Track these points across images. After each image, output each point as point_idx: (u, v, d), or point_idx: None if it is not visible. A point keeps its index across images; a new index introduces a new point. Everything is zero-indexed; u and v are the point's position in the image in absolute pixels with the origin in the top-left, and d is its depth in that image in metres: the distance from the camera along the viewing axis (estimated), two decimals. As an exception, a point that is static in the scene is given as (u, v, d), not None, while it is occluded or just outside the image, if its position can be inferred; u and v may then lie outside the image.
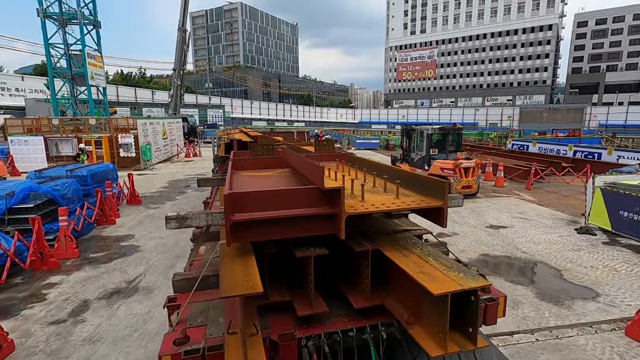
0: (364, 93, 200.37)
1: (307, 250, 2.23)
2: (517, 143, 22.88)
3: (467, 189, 11.57)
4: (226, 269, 2.07)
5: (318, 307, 2.25)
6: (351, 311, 2.32)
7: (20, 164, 17.57)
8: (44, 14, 20.29)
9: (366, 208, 2.22)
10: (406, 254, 2.26)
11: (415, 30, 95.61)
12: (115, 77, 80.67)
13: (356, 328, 2.21)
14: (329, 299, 2.41)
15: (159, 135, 21.81)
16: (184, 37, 35.11)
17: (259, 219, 2.07)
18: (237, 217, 2.02)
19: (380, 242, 2.44)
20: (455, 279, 1.89)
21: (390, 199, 2.48)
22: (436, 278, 1.91)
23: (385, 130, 71.82)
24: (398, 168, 3.26)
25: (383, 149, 31.38)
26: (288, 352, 2.10)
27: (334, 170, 3.35)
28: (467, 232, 8.42)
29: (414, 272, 1.97)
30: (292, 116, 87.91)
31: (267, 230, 2.12)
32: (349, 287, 2.48)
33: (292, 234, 2.17)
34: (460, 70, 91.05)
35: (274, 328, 2.19)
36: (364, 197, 2.44)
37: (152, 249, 7.55)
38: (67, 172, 9.31)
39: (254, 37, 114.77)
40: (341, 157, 4.51)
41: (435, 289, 1.77)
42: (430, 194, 2.47)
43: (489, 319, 2.38)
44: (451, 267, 2.05)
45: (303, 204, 2.18)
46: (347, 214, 2.08)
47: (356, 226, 2.64)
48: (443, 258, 2.20)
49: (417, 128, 13.18)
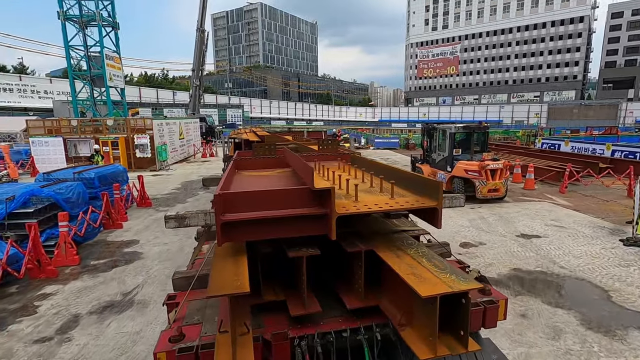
0: (383, 91, 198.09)
1: (299, 250, 2.22)
2: (547, 142, 21.49)
3: (494, 192, 10.68)
4: (217, 268, 2.10)
5: (311, 307, 2.24)
6: (346, 312, 2.30)
7: (40, 165, 17.83)
8: (64, 17, 20.65)
9: (358, 209, 2.18)
10: (400, 255, 2.24)
11: (437, 26, 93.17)
12: (139, 79, 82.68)
13: (350, 329, 2.19)
14: (325, 299, 2.42)
15: (176, 136, 21.77)
16: (202, 37, 35.24)
17: (249, 219, 2.06)
18: (227, 217, 2.03)
19: (375, 242, 2.40)
20: (446, 281, 1.85)
21: (384, 199, 2.44)
22: (427, 280, 1.88)
23: (405, 129, 70.41)
24: (398, 168, 3.12)
25: (403, 149, 30.39)
26: (280, 352, 2.09)
27: (332, 170, 3.30)
28: (495, 242, 7.61)
29: (405, 273, 1.94)
30: (310, 115, 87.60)
31: (258, 230, 2.12)
32: (344, 288, 2.46)
33: (283, 234, 2.16)
34: (484, 66, 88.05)
35: (268, 327, 2.18)
36: (359, 197, 2.42)
37: (155, 257, 7.17)
38: (74, 175, 9.11)
39: (273, 36, 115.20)
40: (344, 156, 4.44)
41: (423, 291, 1.74)
42: (426, 195, 2.44)
43: (488, 322, 2.33)
44: (444, 269, 2.01)
45: (294, 205, 2.16)
46: (337, 215, 2.05)
47: (352, 227, 2.61)
48: (437, 259, 2.16)
49: (439, 126, 12.35)
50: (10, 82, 43.97)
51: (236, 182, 3.46)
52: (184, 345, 2.02)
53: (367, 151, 29.12)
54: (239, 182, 3.46)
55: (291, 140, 7.13)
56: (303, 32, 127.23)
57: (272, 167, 4.37)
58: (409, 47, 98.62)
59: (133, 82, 74.17)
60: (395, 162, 21.75)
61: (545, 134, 28.40)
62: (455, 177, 11.14)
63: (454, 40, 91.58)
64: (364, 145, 32.75)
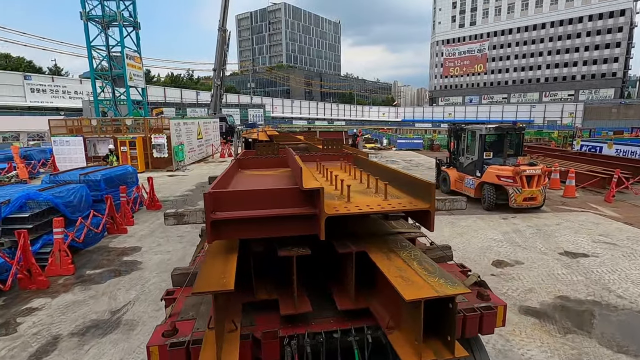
0: (407, 90, 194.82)
1: (290, 249, 2.24)
2: (587, 144, 19.77)
3: (530, 201, 9.57)
4: (206, 266, 2.13)
5: (301, 307, 2.25)
6: (338, 312, 2.29)
7: (61, 164, 18.02)
8: (86, 17, 20.89)
9: (348, 209, 2.18)
10: (391, 257, 2.23)
11: (465, 23, 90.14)
12: (165, 79, 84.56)
13: (341, 330, 2.19)
14: (318, 299, 2.43)
15: (194, 136, 21.59)
16: (224, 36, 35.18)
17: (239, 217, 2.09)
18: (217, 215, 2.05)
19: (368, 244, 2.39)
20: (433, 285, 1.84)
21: (378, 200, 2.42)
22: (414, 283, 1.87)
23: (430, 129, 68.39)
24: (396, 170, 3.00)
25: (427, 150, 29.10)
26: (270, 350, 2.10)
27: (331, 171, 3.29)
28: (534, 261, 6.61)
29: (393, 276, 1.94)
30: (332, 115, 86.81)
31: (248, 229, 2.14)
32: (337, 288, 2.46)
33: (273, 233, 2.18)
34: (514, 63, 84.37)
35: (259, 326, 2.21)
36: (353, 198, 2.43)
37: (154, 267, 6.65)
38: (80, 177, 8.78)
39: (296, 36, 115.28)
40: (347, 157, 4.45)
41: (408, 294, 1.74)
42: (419, 197, 2.40)
43: (485, 328, 2.31)
44: (433, 273, 2.00)
45: (284, 204, 2.17)
46: (327, 215, 2.06)
47: (347, 227, 2.60)
48: (428, 263, 2.15)
49: (468, 127, 11.31)
50: (43, 83, 45.78)
51: (235, 180, 3.46)
52: (176, 340, 2.05)
53: (389, 152, 28.06)
54: (237, 181, 3.46)
55: (302, 140, 6.98)
56: (326, 32, 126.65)
57: (275, 167, 4.34)
58: (435, 45, 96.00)
59: (160, 83, 75.94)
60: (419, 164, 20.66)
61: (585, 135, 26.29)
62: (486, 184, 10.11)
63: (481, 37, 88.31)
64: (385, 145, 31.67)
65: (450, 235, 8.06)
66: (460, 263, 3.27)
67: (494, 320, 2.32)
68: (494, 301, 2.41)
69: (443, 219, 9.30)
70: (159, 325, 2.21)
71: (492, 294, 2.50)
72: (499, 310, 2.35)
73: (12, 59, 60.47)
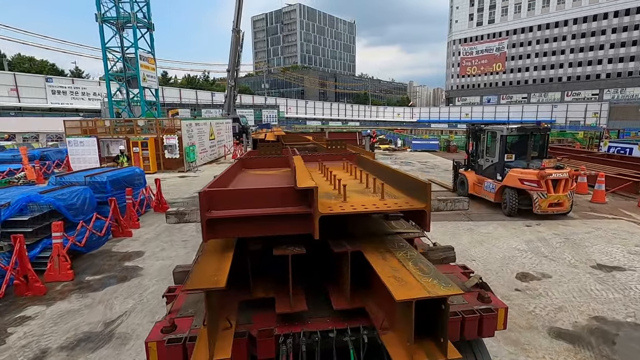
0: (423, 91, 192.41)
1: (285, 249, 2.25)
2: (615, 145, 18.69)
3: (556, 207, 8.91)
4: (201, 263, 2.16)
5: (297, 306, 2.26)
6: (335, 312, 2.29)
7: (75, 164, 18.17)
8: (101, 19, 21.10)
9: (343, 209, 2.18)
10: (387, 257, 2.22)
11: (483, 21, 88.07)
12: (182, 81, 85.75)
13: (337, 330, 2.19)
14: (316, 298, 2.44)
15: (206, 136, 21.50)
16: (237, 37, 35.16)
17: (234, 216, 2.09)
18: (212, 214, 2.06)
19: (365, 244, 2.37)
20: (426, 286, 1.83)
21: (374, 200, 2.43)
22: (407, 283, 1.86)
23: (446, 129, 67.01)
24: (396, 169, 3.00)
25: (443, 151, 28.28)
26: (265, 348, 2.12)
27: (330, 170, 3.30)
28: (563, 275, 6.02)
29: (386, 276, 1.93)
30: (346, 115, 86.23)
31: (244, 227, 2.13)
32: (333, 288, 2.47)
33: (268, 232, 2.18)
34: (534, 62, 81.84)
35: (255, 324, 2.23)
36: (351, 198, 2.44)
37: (155, 274, 6.37)
38: (85, 178, 8.63)
39: (311, 37, 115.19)
40: (350, 157, 4.46)
41: (399, 295, 1.73)
42: (415, 196, 2.39)
43: (485, 331, 2.29)
44: (428, 273, 1.98)
45: (279, 203, 2.18)
46: (320, 214, 2.05)
47: (346, 227, 2.61)
48: (423, 263, 2.12)
49: (488, 127, 10.68)
50: (63, 85, 46.96)
51: (236, 180, 3.47)
52: (174, 336, 2.08)
53: (403, 153, 27.39)
54: (238, 180, 3.47)
55: (310, 140, 7.03)
56: (341, 32, 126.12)
57: (278, 167, 4.30)
58: (451, 44, 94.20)
59: (177, 84, 77.03)
60: (434, 166, 19.98)
61: (613, 136, 24.95)
62: (507, 188, 9.48)
63: (500, 36, 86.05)
64: (400, 146, 30.97)
65: (470, 243, 7.52)
66: (462, 264, 3.23)
67: (494, 323, 2.31)
68: (494, 303, 2.39)
69: (461, 225, 8.75)
70: (159, 322, 2.25)
71: (493, 296, 2.49)
72: (500, 313, 2.33)
73: (36, 62, 62.48)
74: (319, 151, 5.38)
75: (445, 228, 8.57)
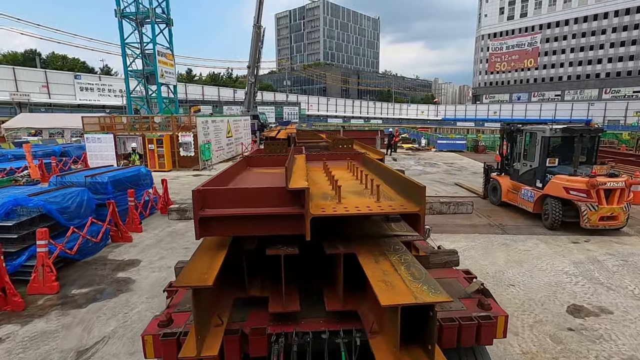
0: (448, 88, 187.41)
1: (279, 248, 2.26)
2: (667, 148, 16.75)
3: (609, 221, 7.68)
4: (193, 261, 2.17)
5: (290, 306, 2.27)
6: (329, 313, 2.30)
7: (93, 161, 18.10)
8: (121, 15, 21.00)
9: (335, 210, 2.17)
10: (380, 261, 2.20)
11: (514, 15, 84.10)
12: (206, 78, 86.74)
13: (329, 331, 2.19)
14: (312, 298, 2.45)
15: (223, 134, 21.05)
16: (258, 33, 34.65)
17: (227, 215, 2.10)
18: (206, 212, 2.09)
19: (360, 246, 2.36)
20: (414, 291, 1.80)
21: (369, 202, 2.41)
22: (395, 288, 1.85)
23: (472, 128, 64.37)
24: (395, 171, 2.84)
25: (470, 152, 26.71)
26: (257, 346, 2.15)
27: (331, 170, 3.26)
28: (627, 310, 4.92)
29: (375, 280, 1.93)
30: (369, 113, 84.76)
31: (237, 226, 2.15)
32: (328, 289, 2.46)
33: (260, 231, 2.19)
34: (569, 57, 77.41)
35: (250, 322, 2.27)
36: (346, 199, 2.44)
37: (147, 289, 5.73)
38: (85, 178, 8.16)
39: (334, 33, 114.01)
40: (356, 156, 4.41)
41: (385, 300, 1.73)
42: (412, 199, 2.35)
43: (483, 339, 2.27)
44: (419, 279, 1.95)
45: (272, 203, 2.17)
46: (312, 215, 2.05)
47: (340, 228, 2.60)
48: (416, 268, 2.08)
49: (526, 127, 9.49)
50: (91, 82, 48.19)
51: (238, 178, 3.47)
52: (170, 330, 2.19)
53: (427, 153, 26.05)
54: (240, 179, 3.46)
55: (324, 138, 6.89)
56: (365, 28, 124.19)
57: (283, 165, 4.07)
58: (480, 40, 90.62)
59: (201, 81, 77.94)
60: (461, 168, 18.67)
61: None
62: (549, 197, 8.30)
63: (533, 30, 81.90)
64: (424, 146, 29.58)
65: (506, 263, 6.47)
66: (466, 269, 3.15)
67: (492, 330, 2.30)
68: (495, 311, 2.38)
69: (494, 239, 7.68)
70: (157, 316, 2.32)
71: (494, 303, 2.48)
72: (499, 321, 2.32)
73: (68, 60, 64.57)
74: (330, 150, 5.28)
75: (476, 242, 7.54)
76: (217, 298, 2.21)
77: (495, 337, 2.31)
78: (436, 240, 7.52)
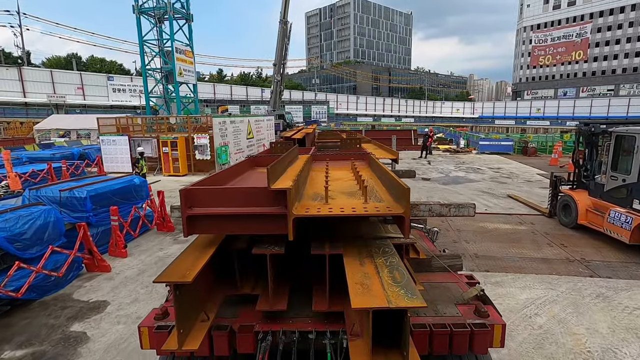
0: (484, 84, 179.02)
1: (266, 247, 2.28)
2: None
3: None
4: (180, 258, 2.19)
5: (277, 305, 2.29)
6: (318, 314, 2.30)
7: (107, 164, 17.35)
8: (139, 11, 20.17)
9: (319, 211, 2.16)
10: (365, 263, 2.17)
11: (560, 3, 77.75)
12: (236, 78, 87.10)
13: (317, 331, 2.20)
14: (304, 298, 2.46)
15: (243, 135, 19.69)
16: (285, 29, 33.24)
17: (211, 214, 2.13)
18: (193, 210, 2.12)
19: (349, 247, 2.34)
20: (390, 295, 1.76)
21: (357, 203, 2.39)
22: (371, 291, 1.81)
23: (513, 126, 59.83)
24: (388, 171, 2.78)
25: (518, 154, 23.78)
26: (245, 343, 2.21)
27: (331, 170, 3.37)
28: None
29: (353, 282, 1.90)
30: (400, 111, 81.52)
31: (223, 225, 2.19)
32: (318, 289, 2.47)
33: (246, 230, 2.24)
34: (624, 48, 70.40)
35: (239, 319, 2.31)
36: (336, 199, 2.46)
37: (99, 354, 4.19)
38: (60, 193, 6.83)
39: (365, 30, 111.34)
40: (362, 156, 4.41)
41: (356, 302, 1.71)
42: (398, 201, 2.31)
43: (477, 348, 2.22)
44: (398, 283, 1.90)
45: (257, 203, 2.18)
46: (294, 216, 2.07)
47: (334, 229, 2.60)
48: (399, 272, 2.03)
49: (617, 130, 7.18)
50: (123, 83, 49.02)
51: (239, 177, 3.52)
52: (163, 323, 2.30)
53: (468, 156, 23.40)
54: (241, 178, 3.52)
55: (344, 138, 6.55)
56: (396, 24, 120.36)
57: None
58: (521, 32, 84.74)
59: (232, 81, 78.17)
60: (511, 174, 16.10)
61: None
62: (658, 225, 6.01)
63: (582, 19, 75.26)
64: (463, 147, 26.84)
65: (613, 332, 4.37)
66: (469, 274, 3.05)
67: (487, 339, 2.23)
68: (493, 319, 2.33)
69: (584, 287, 5.53)
70: (155, 308, 2.47)
71: (493, 310, 2.42)
72: (496, 330, 2.25)
73: (106, 62, 66.65)
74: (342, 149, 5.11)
75: (557, 290, 5.42)
76: (205, 294, 2.27)
77: (491, 347, 2.24)
78: (497, 285, 5.53)
